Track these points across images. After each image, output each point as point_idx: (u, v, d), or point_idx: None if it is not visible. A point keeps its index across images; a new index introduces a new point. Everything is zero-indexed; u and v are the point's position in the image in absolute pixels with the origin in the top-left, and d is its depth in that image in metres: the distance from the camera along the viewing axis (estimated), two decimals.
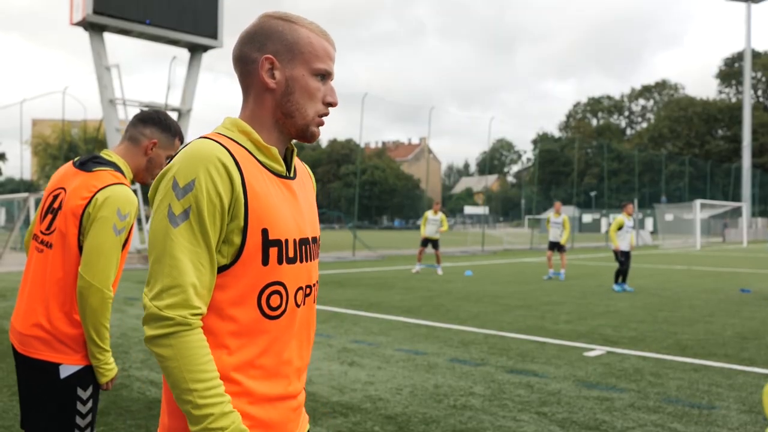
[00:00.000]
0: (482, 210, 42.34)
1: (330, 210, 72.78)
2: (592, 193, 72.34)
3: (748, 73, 57.53)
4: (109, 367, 2.31)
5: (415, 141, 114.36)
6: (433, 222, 17.29)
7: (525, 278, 16.11)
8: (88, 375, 2.29)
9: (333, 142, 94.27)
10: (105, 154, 2.45)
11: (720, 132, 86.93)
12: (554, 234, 16.17)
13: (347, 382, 5.65)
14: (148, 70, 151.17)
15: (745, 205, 48.62)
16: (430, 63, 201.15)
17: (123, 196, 2.29)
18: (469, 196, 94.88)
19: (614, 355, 6.74)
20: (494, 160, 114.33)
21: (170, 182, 1.34)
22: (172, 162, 1.37)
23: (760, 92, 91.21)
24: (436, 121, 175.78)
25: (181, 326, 1.30)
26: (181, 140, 2.55)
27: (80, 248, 2.28)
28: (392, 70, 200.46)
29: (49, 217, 2.37)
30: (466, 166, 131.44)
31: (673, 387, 5.55)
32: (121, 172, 2.41)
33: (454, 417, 4.71)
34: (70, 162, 2.48)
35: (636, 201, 47.10)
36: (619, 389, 5.45)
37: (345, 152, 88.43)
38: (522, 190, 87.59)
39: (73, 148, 50.36)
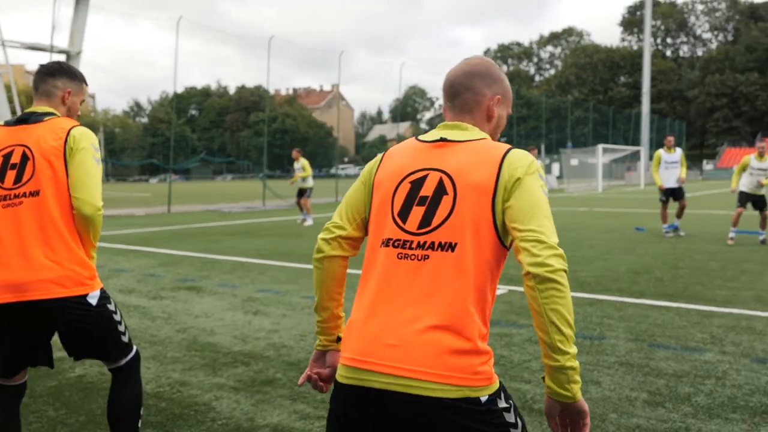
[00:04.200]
0: None
1: (239, 159, 71.34)
2: (502, 140, 73.51)
3: (648, 22, 59.46)
4: (94, 261, 2.64)
5: (327, 88, 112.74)
6: (296, 170, 16.61)
7: None
8: (105, 293, 2.62)
9: (241, 89, 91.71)
10: (38, 108, 2.64)
11: (622, 79, 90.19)
12: None
13: (251, 331, 5.57)
14: (30, 8, 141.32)
15: (644, 149, 50.92)
16: (339, 6, 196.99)
17: (92, 134, 2.62)
18: (382, 144, 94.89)
19: (516, 293, 6.95)
20: (407, 107, 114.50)
21: (537, 175, 1.71)
22: (530, 157, 1.74)
23: (659, 40, 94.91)
24: (347, 67, 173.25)
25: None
26: (86, 83, 2.77)
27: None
28: (300, 14, 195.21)
29: (12, 172, 2.51)
30: (379, 113, 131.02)
31: None
32: None
33: None
34: (1, 125, 2.66)
35: (543, 147, 48.47)
36: (518, 325, 5.62)
37: (254, 99, 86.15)
38: None
39: None
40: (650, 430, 3.46)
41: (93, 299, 2.53)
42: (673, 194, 12.58)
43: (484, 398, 1.58)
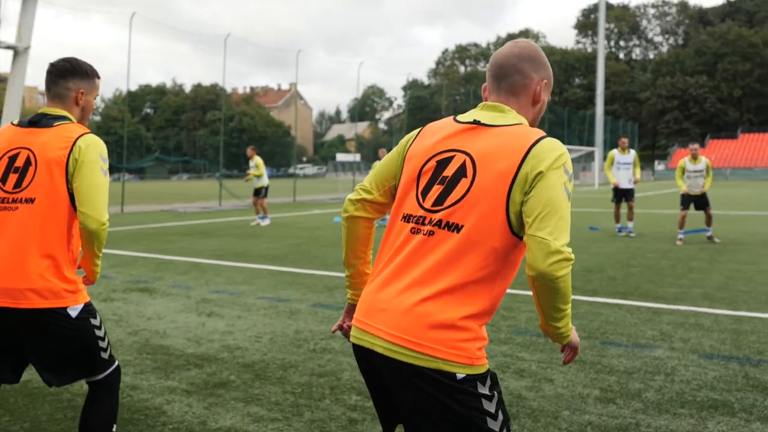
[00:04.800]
0: (353, 157, 42.40)
1: (195, 159, 70.26)
2: None
3: (602, 25, 60.59)
4: (98, 269, 2.70)
5: (284, 87, 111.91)
6: (251, 168, 16.16)
7: None
8: (90, 307, 2.59)
9: (197, 87, 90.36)
10: (50, 111, 2.59)
11: (577, 80, 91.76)
12: None
13: (204, 333, 5.48)
14: None
15: (598, 150, 51.90)
16: (296, 5, 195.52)
17: (100, 143, 2.55)
18: (340, 144, 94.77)
19: None
20: (365, 107, 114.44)
21: (563, 169, 1.69)
22: (561, 148, 1.72)
23: (612, 43, 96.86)
24: (305, 66, 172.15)
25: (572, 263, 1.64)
26: (98, 77, 2.70)
27: (69, 194, 2.47)
28: (257, 12, 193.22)
29: (14, 176, 2.49)
30: (338, 113, 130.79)
31: (523, 319, 5.83)
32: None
33: (313, 361, 4.69)
34: (9, 125, 2.63)
35: None
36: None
37: (210, 98, 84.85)
38: (393, 137, 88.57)
39: None
40: (601, 427, 3.51)
41: (74, 312, 2.51)
42: (625, 195, 12.82)
43: (460, 375, 1.63)
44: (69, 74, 2.60)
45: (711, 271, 8.49)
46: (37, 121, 2.57)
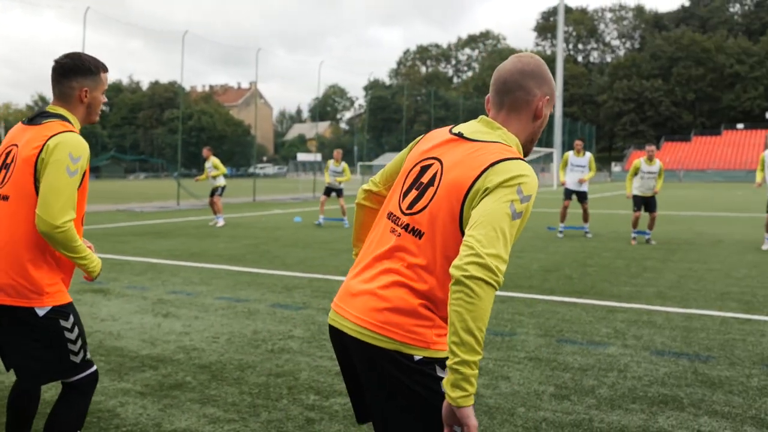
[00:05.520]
0: (314, 157, 42.21)
1: (153, 158, 69.08)
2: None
3: (561, 28, 61.48)
4: (94, 265, 2.58)
5: (244, 85, 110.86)
6: (208, 169, 15.65)
7: None
8: (64, 309, 2.55)
9: (155, 85, 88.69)
10: (51, 108, 2.60)
11: None
12: None
13: (160, 334, 5.40)
14: None
15: (556, 151, 52.68)
16: (253, 2, 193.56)
17: (74, 141, 2.48)
18: (301, 143, 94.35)
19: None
20: (327, 106, 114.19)
21: (516, 189, 1.69)
22: (523, 171, 1.71)
23: (571, 46, 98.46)
24: (266, 65, 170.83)
25: (498, 285, 1.60)
26: (105, 70, 2.66)
27: (38, 193, 2.44)
28: (215, 9, 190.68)
29: (3, 172, 2.54)
30: (299, 112, 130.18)
31: None
32: (69, 122, 2.58)
33: (270, 361, 4.66)
34: (20, 122, 2.67)
35: None
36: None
37: (168, 96, 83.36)
38: (355, 137, 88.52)
39: None
40: (556, 423, 3.57)
41: (41, 311, 2.49)
42: (578, 195, 12.99)
43: (417, 357, 1.74)
44: (72, 73, 2.58)
45: (664, 270, 8.69)
46: (33, 117, 2.59)
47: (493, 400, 3.89)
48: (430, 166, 1.86)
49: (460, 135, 1.88)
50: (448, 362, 1.57)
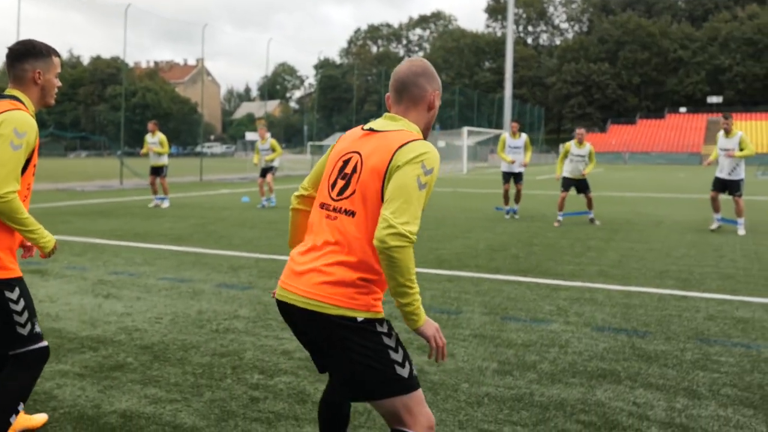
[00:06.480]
0: None
1: (95, 135, 67.06)
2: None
3: (511, 10, 61.71)
4: (45, 240, 2.76)
5: (191, 62, 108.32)
6: (151, 144, 14.58)
7: None
8: (10, 282, 2.70)
9: (96, 60, 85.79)
10: (7, 91, 2.75)
11: (487, 64, 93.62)
12: None
13: (101, 315, 5.27)
14: None
15: (506, 133, 53.15)
16: None
17: (20, 117, 2.61)
18: (250, 122, 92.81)
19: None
20: (276, 84, 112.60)
21: (421, 164, 2.09)
22: (425, 149, 2.13)
23: (521, 28, 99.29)
24: (213, 41, 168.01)
25: (412, 243, 2.03)
26: (56, 54, 2.82)
27: None
28: None
29: None
30: (247, 90, 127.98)
31: (427, 297, 5.93)
32: (21, 102, 2.70)
33: (215, 341, 4.61)
34: None
35: None
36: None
37: (111, 71, 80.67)
38: (304, 116, 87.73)
39: None
40: (498, 397, 3.63)
41: None
42: (514, 177, 13.12)
43: (360, 318, 2.12)
44: (24, 56, 2.73)
45: (607, 249, 8.90)
46: None
47: (437, 377, 3.93)
48: (350, 159, 2.22)
49: (371, 129, 2.25)
50: (396, 305, 2.08)
